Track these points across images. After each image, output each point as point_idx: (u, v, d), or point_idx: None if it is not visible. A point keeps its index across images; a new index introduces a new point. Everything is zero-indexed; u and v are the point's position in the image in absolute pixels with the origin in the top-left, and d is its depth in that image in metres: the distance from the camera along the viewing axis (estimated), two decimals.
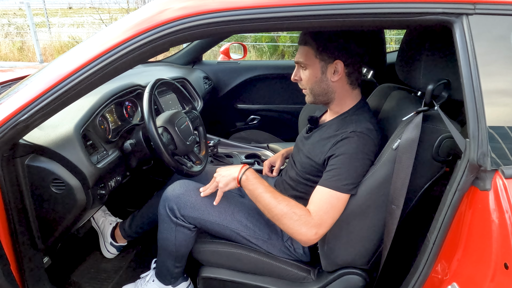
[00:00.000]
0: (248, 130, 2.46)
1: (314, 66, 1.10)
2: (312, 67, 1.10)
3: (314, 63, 1.10)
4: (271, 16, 0.80)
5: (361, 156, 1.01)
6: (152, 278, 1.38)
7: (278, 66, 2.55)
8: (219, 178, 1.13)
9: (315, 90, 1.13)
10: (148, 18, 0.84)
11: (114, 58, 0.84)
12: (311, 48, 1.08)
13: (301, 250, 1.21)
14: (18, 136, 0.94)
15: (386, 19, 0.80)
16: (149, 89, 1.28)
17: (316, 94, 1.14)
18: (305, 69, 1.12)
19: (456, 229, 0.85)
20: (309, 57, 1.10)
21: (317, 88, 1.13)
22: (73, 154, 1.07)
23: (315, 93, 1.14)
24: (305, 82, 1.14)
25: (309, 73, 1.11)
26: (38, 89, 0.87)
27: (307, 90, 1.16)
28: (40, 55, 6.60)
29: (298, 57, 1.12)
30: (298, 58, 1.12)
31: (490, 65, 0.77)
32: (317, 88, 1.13)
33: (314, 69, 1.10)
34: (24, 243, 1.07)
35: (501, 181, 0.75)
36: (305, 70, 1.12)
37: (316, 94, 1.14)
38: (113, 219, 1.70)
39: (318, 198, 1.02)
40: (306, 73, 1.12)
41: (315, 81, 1.11)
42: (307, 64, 1.11)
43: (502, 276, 0.73)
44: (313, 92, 1.14)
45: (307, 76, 1.12)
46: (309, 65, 1.10)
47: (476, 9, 0.77)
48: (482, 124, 0.76)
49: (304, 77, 1.13)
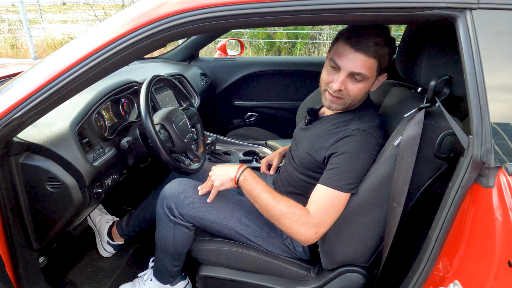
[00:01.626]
0: (245, 127, 2.44)
1: (371, 80, 1.01)
2: (370, 80, 1.00)
3: (373, 76, 1.00)
4: (272, 11, 0.78)
5: (363, 155, 1.00)
6: (150, 277, 1.36)
7: (275, 63, 2.53)
8: (215, 177, 1.11)
9: (355, 102, 1.05)
10: (146, 12, 0.82)
11: (110, 53, 0.82)
12: (378, 61, 0.98)
13: (301, 248, 1.20)
14: (12, 134, 0.92)
15: (388, 14, 0.79)
16: (146, 86, 1.26)
17: (353, 105, 1.06)
18: (360, 82, 0.99)
19: (458, 227, 0.84)
20: (372, 70, 0.99)
21: (359, 99, 1.05)
22: (68, 152, 1.05)
23: (353, 104, 1.05)
24: (353, 94, 1.02)
25: (363, 87, 1.01)
26: (33, 86, 0.84)
27: (345, 101, 1.04)
28: (33, 52, 6.52)
29: (359, 69, 0.97)
30: (360, 70, 0.97)
31: (494, 60, 0.76)
32: (358, 99, 1.05)
33: (370, 82, 1.01)
34: (19, 243, 1.05)
35: (505, 178, 0.74)
36: (359, 83, 1.00)
37: (353, 105, 1.06)
38: (109, 218, 1.68)
39: (318, 197, 1.01)
40: (359, 86, 1.00)
41: (364, 94, 1.03)
42: (367, 77, 0.98)
43: (505, 274, 0.73)
44: (352, 103, 1.05)
45: (359, 89, 1.01)
46: (368, 79, 0.99)
47: (480, 3, 0.76)
48: (486, 121, 0.75)
49: (354, 89, 1.01)
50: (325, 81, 1.05)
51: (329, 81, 1.04)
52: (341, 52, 0.99)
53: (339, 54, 1.00)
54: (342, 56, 0.99)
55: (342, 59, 0.99)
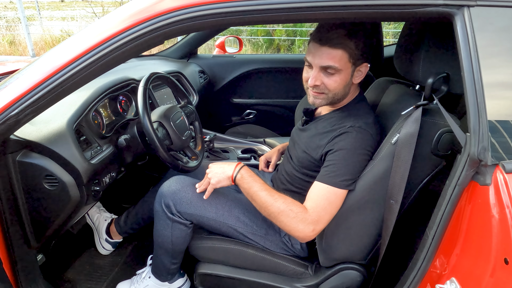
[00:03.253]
0: (244, 125, 2.44)
1: (346, 71, 1.02)
2: (344, 72, 1.01)
3: (346, 68, 1.01)
4: (270, 8, 0.78)
5: (359, 151, 1.00)
6: (148, 274, 1.37)
7: (274, 60, 2.53)
8: (212, 174, 1.11)
9: (338, 95, 1.06)
10: (145, 8, 0.81)
11: (108, 50, 0.81)
12: (346, 52, 0.99)
13: (299, 246, 1.20)
14: (8, 132, 0.91)
15: (386, 11, 0.79)
16: (143, 83, 1.25)
17: (337, 99, 1.07)
18: (333, 75, 1.01)
19: (455, 224, 0.84)
20: (343, 61, 1.00)
21: (341, 93, 1.06)
22: (66, 149, 1.05)
23: (336, 98, 1.07)
24: (331, 87, 1.03)
25: (339, 79, 1.02)
26: (30, 83, 0.84)
27: (327, 95, 1.06)
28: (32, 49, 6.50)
29: (327, 62, 0.99)
30: (328, 63, 0.99)
31: (491, 58, 0.76)
32: (341, 93, 1.06)
33: (345, 74, 1.02)
34: (17, 241, 1.05)
35: (501, 175, 0.74)
36: (333, 76, 1.02)
37: (337, 99, 1.07)
38: (108, 215, 1.68)
39: (316, 194, 1.01)
40: (334, 79, 1.02)
41: (343, 86, 1.04)
42: (339, 69, 1.00)
43: (502, 271, 0.73)
44: (335, 97, 1.06)
45: (335, 82, 1.02)
46: (341, 71, 1.01)
47: (477, 0, 0.75)
48: (483, 118, 0.75)
49: (330, 82, 1.03)
50: (305, 79, 1.10)
51: (307, 78, 1.08)
52: (311, 50, 1.04)
53: (309, 52, 1.05)
54: (311, 53, 1.03)
55: (311, 56, 1.03)
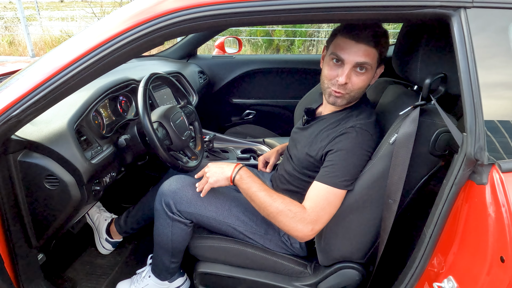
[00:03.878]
0: (243, 125, 2.45)
1: (373, 70, 1.02)
2: (372, 71, 1.02)
3: (374, 66, 1.02)
4: (269, 9, 0.79)
5: (359, 152, 1.01)
6: (148, 273, 1.37)
7: (273, 60, 2.54)
8: (210, 173, 1.12)
9: (358, 95, 1.06)
10: (146, 9, 0.82)
11: (109, 51, 0.82)
12: (378, 51, 0.99)
13: (298, 245, 1.21)
14: (10, 132, 0.92)
15: (384, 12, 0.80)
16: (143, 84, 1.26)
17: (355, 98, 1.07)
18: (363, 73, 1.01)
19: (452, 223, 0.85)
20: (375, 60, 1.00)
21: (362, 93, 1.06)
22: (66, 149, 1.06)
23: (355, 97, 1.06)
24: (357, 86, 1.02)
25: (367, 78, 1.02)
26: (31, 83, 0.85)
27: (349, 95, 1.04)
28: (31, 49, 6.50)
29: (364, 58, 0.98)
30: (365, 59, 0.98)
31: (488, 58, 0.77)
32: (361, 93, 1.06)
33: (372, 74, 1.02)
34: (18, 240, 1.05)
35: (497, 175, 0.75)
36: (362, 75, 1.01)
37: (355, 98, 1.07)
38: (108, 215, 1.68)
39: (315, 194, 1.02)
40: (362, 78, 1.01)
41: (367, 85, 1.04)
42: (370, 67, 1.00)
43: (498, 269, 0.74)
44: (355, 96, 1.05)
45: (363, 81, 1.02)
46: (370, 69, 1.01)
47: (474, 2, 0.76)
48: (479, 118, 0.76)
49: (359, 81, 1.01)
50: (328, 77, 1.05)
51: (333, 76, 1.04)
52: (343, 46, 1.00)
53: (341, 48, 1.00)
54: (344, 49, 0.99)
55: (345, 52, 0.99)
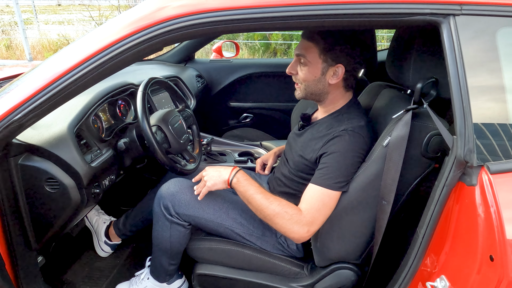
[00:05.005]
0: (241, 128, 2.46)
1: (315, 66, 1.08)
2: (314, 66, 1.08)
3: (316, 62, 1.08)
4: (265, 16, 0.81)
5: (352, 154, 1.03)
6: (146, 276, 1.39)
7: (270, 64, 2.56)
8: (208, 177, 1.14)
9: (310, 88, 1.12)
10: (146, 15, 0.84)
11: (109, 56, 0.84)
12: (316, 47, 1.06)
13: (294, 246, 1.23)
14: (11, 136, 0.94)
15: (375, 19, 0.82)
16: (142, 88, 1.28)
17: (309, 92, 1.13)
18: (305, 66, 1.09)
19: (444, 224, 0.88)
20: (313, 54, 1.07)
21: (313, 87, 1.12)
22: (67, 153, 1.07)
23: (308, 91, 1.13)
24: (301, 78, 1.11)
25: (308, 71, 1.09)
26: (32, 88, 0.86)
27: (301, 86, 1.13)
28: (29, 53, 6.49)
29: (300, 50, 1.08)
30: (300, 51, 1.08)
31: (476, 64, 0.79)
32: (312, 87, 1.12)
33: (315, 68, 1.08)
34: (18, 242, 1.07)
35: (486, 176, 0.77)
36: (304, 67, 1.09)
37: (309, 92, 1.13)
38: (106, 218, 1.69)
39: (310, 196, 1.04)
40: (305, 70, 1.09)
41: (313, 80, 1.10)
42: (308, 61, 1.08)
43: (487, 268, 0.76)
44: (307, 90, 1.13)
45: (305, 73, 1.10)
46: (310, 63, 1.08)
47: (462, 9, 0.79)
48: (469, 121, 0.78)
49: (302, 73, 1.10)
50: None
51: None
52: None
53: None
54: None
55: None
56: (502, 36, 0.80)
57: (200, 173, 1.18)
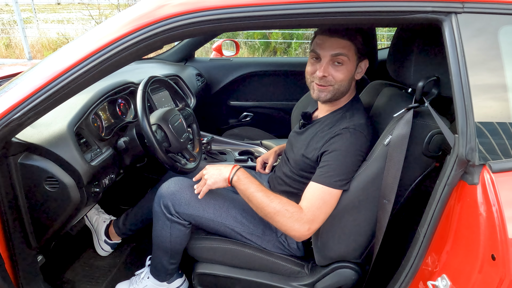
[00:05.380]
0: (241, 127, 2.46)
1: (352, 63, 1.06)
2: (351, 64, 1.06)
3: (353, 60, 1.06)
4: (267, 14, 0.81)
5: (353, 152, 1.03)
6: (147, 275, 1.38)
7: (270, 63, 2.56)
8: (208, 175, 1.13)
9: (342, 88, 1.09)
10: (146, 13, 0.83)
11: (109, 55, 0.83)
12: (353, 44, 1.04)
13: (295, 245, 1.23)
14: (11, 135, 0.93)
15: (377, 17, 0.82)
16: (142, 87, 1.28)
17: (340, 92, 1.09)
18: (341, 66, 1.05)
19: (445, 223, 0.87)
20: (351, 52, 1.04)
21: (346, 86, 1.09)
22: (66, 152, 1.07)
23: (340, 92, 1.09)
24: (337, 79, 1.06)
25: (347, 70, 1.06)
26: (32, 87, 0.86)
27: (332, 88, 1.08)
28: (28, 52, 6.49)
29: (337, 49, 1.03)
30: (339, 50, 1.03)
31: (478, 62, 0.79)
32: (345, 86, 1.09)
33: (351, 66, 1.06)
34: (18, 242, 1.06)
35: (488, 175, 0.77)
36: (341, 66, 1.05)
37: (340, 92, 1.09)
38: (106, 217, 1.69)
39: (311, 194, 1.04)
40: (342, 69, 1.05)
41: (348, 78, 1.07)
42: (348, 60, 1.04)
43: (489, 267, 0.76)
44: (339, 91, 1.09)
45: (343, 73, 1.06)
46: (349, 61, 1.05)
47: (464, 7, 0.79)
48: (470, 120, 0.78)
49: (339, 73, 1.06)
50: (310, 72, 1.12)
51: (313, 71, 1.10)
52: (320, 42, 1.07)
53: (318, 44, 1.07)
54: (320, 45, 1.06)
55: (321, 47, 1.06)
56: (504, 34, 0.79)
57: (200, 171, 1.18)
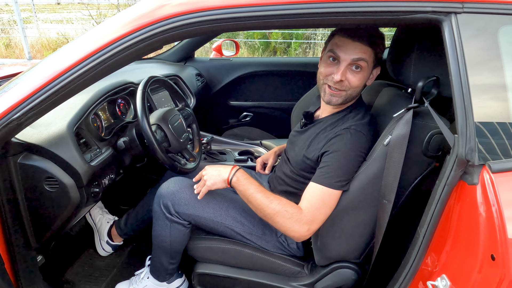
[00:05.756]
0: (241, 127, 2.46)
1: (368, 70, 1.05)
2: (368, 70, 1.04)
3: (371, 66, 1.05)
4: (267, 14, 0.81)
5: (353, 153, 1.02)
6: (146, 275, 1.38)
7: (270, 63, 2.56)
8: (207, 176, 1.13)
9: (354, 94, 1.08)
10: (146, 13, 0.83)
11: (109, 54, 0.83)
12: (374, 51, 1.03)
13: (295, 245, 1.23)
14: (10, 135, 0.93)
15: (377, 17, 0.82)
16: (142, 87, 1.28)
17: (351, 97, 1.09)
18: (359, 72, 1.03)
19: (445, 223, 0.87)
20: (371, 59, 1.03)
21: (358, 92, 1.08)
22: (66, 152, 1.07)
23: (351, 97, 1.08)
24: (353, 84, 1.05)
25: (363, 77, 1.05)
26: (32, 87, 0.86)
27: (345, 93, 1.07)
28: (28, 52, 6.48)
29: (359, 54, 1.00)
30: (361, 55, 1.00)
31: (477, 62, 0.79)
32: (357, 92, 1.08)
33: (367, 73, 1.05)
34: (17, 242, 1.06)
35: (488, 175, 0.77)
36: (358, 73, 1.03)
37: (351, 97, 1.09)
38: (110, 217, 1.69)
39: (311, 195, 1.04)
40: (358, 76, 1.04)
41: (362, 84, 1.07)
42: (365, 66, 1.02)
43: (489, 267, 0.76)
44: (351, 96, 1.08)
45: (359, 79, 1.04)
46: (366, 68, 1.03)
47: (464, 7, 0.79)
48: (470, 120, 0.78)
49: (355, 78, 1.04)
50: (324, 74, 1.07)
51: (329, 73, 1.06)
52: (340, 44, 1.03)
53: (338, 46, 1.03)
54: (341, 47, 1.02)
55: (341, 50, 1.02)
56: (504, 34, 0.79)
57: (200, 172, 1.18)
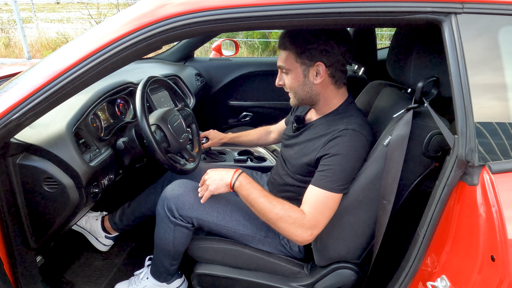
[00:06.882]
0: (240, 127, 2.46)
1: (295, 70, 1.09)
2: (294, 71, 1.09)
3: (295, 67, 1.09)
4: (265, 15, 0.81)
5: (355, 155, 1.02)
6: (146, 275, 1.38)
7: (270, 63, 2.56)
8: (210, 181, 1.12)
9: (299, 94, 1.13)
10: (147, 13, 0.82)
11: (110, 54, 0.83)
12: (291, 52, 1.07)
13: (297, 248, 1.22)
14: (9, 135, 0.93)
15: (376, 18, 0.82)
16: (141, 87, 1.27)
17: (300, 98, 1.14)
18: (287, 74, 1.11)
19: (445, 223, 0.87)
20: (290, 61, 1.08)
21: (301, 92, 1.12)
22: (65, 152, 1.07)
23: (299, 97, 1.14)
24: (288, 86, 1.13)
25: (292, 77, 1.10)
26: (31, 87, 0.86)
27: (291, 94, 1.15)
28: (27, 51, 6.48)
29: (279, 62, 1.11)
30: (279, 63, 1.11)
31: (477, 62, 0.79)
32: (301, 92, 1.12)
33: (296, 73, 1.09)
34: (16, 242, 1.06)
35: (488, 176, 0.77)
36: (288, 75, 1.11)
37: (300, 98, 1.14)
38: (96, 214, 1.66)
39: (313, 200, 1.03)
40: (288, 78, 1.11)
41: (298, 85, 1.11)
42: (288, 68, 1.10)
43: (489, 268, 0.76)
44: (297, 96, 1.14)
45: (289, 81, 1.11)
46: (290, 70, 1.09)
47: (464, 8, 0.79)
48: (470, 121, 0.78)
49: (287, 81, 1.12)
50: None
51: None
52: None
53: None
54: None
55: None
56: (504, 35, 0.79)
57: (202, 177, 1.17)
